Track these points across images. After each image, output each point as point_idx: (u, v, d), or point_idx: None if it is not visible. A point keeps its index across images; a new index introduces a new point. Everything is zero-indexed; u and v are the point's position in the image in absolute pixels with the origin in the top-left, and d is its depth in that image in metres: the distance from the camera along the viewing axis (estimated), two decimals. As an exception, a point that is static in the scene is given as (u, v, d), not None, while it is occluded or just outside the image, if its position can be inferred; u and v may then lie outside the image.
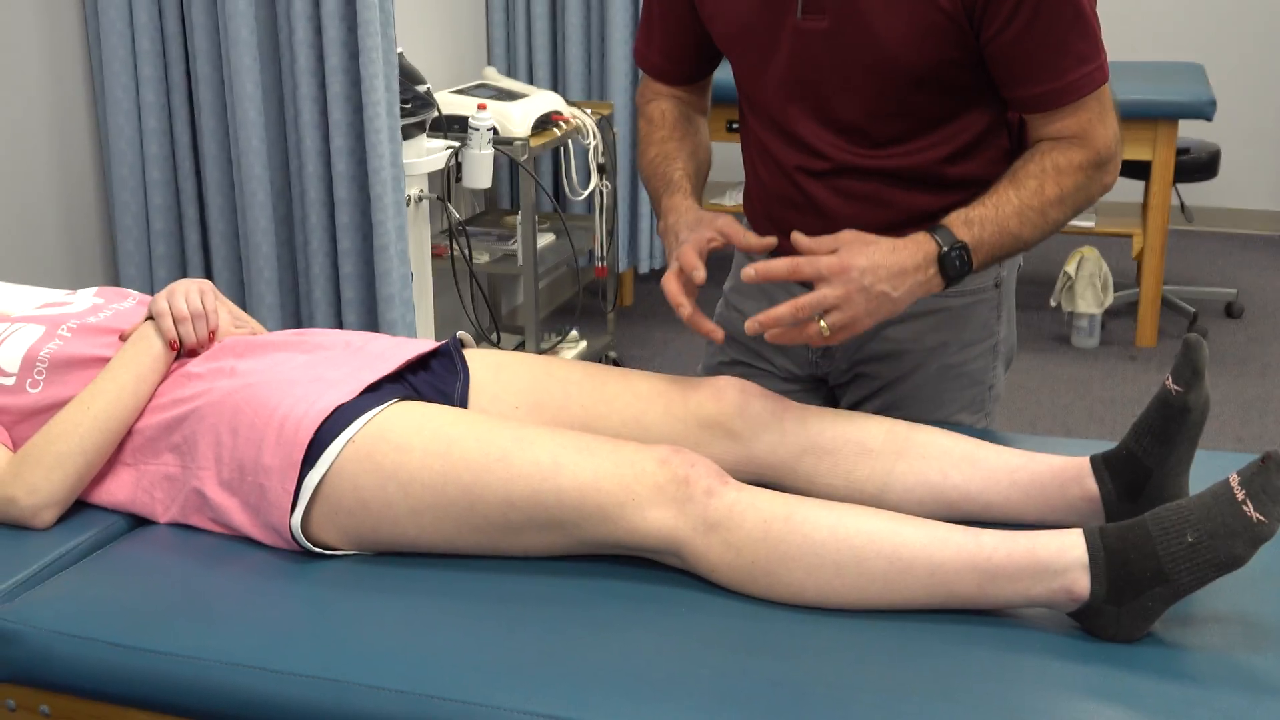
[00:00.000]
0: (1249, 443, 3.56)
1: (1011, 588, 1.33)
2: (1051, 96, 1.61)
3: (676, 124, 1.87)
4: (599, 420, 1.63)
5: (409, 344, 1.70)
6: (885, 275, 1.52)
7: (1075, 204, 1.63)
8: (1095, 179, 1.64)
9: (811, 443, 1.61)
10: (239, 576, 1.47)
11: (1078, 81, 1.59)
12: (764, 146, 1.79)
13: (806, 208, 1.76)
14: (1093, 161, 1.63)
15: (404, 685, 1.26)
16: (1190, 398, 1.43)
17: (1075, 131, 1.62)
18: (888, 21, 1.60)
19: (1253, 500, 1.26)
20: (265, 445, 1.50)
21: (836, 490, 1.58)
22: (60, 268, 2.68)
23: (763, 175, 1.82)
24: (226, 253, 2.77)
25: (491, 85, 3.76)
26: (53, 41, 2.61)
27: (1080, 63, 1.59)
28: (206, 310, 1.67)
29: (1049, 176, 1.61)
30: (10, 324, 1.70)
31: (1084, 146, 1.62)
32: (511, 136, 3.48)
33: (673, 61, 1.87)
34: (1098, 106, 1.62)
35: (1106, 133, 1.62)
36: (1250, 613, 1.36)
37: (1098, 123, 1.62)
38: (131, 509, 1.60)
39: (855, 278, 1.50)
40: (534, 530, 1.44)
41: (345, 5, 2.54)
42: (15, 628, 1.39)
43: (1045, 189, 1.60)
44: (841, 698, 1.23)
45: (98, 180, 2.77)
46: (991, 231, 1.59)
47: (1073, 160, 1.62)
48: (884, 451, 1.58)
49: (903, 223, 1.72)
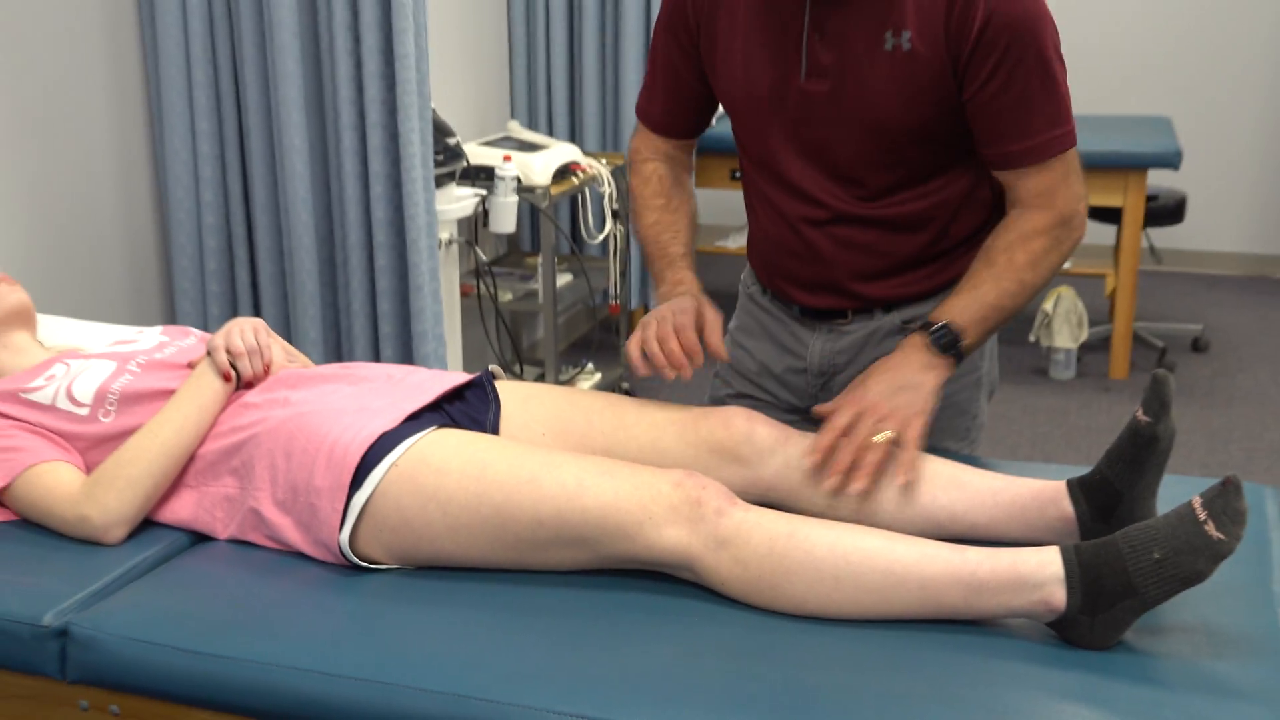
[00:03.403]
0: (1214, 468, 3.55)
1: (995, 600, 1.33)
2: (1022, 155, 1.61)
3: (671, 191, 1.88)
4: (618, 446, 1.64)
5: (446, 376, 1.71)
6: (896, 379, 1.58)
7: (1049, 265, 1.64)
8: (1063, 237, 1.64)
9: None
10: (292, 588, 1.47)
11: (1046, 142, 1.61)
12: (766, 197, 1.79)
13: (806, 255, 1.76)
14: (1057, 223, 1.63)
15: (444, 687, 1.27)
16: (1158, 428, 1.44)
17: (1041, 190, 1.62)
18: (883, 84, 1.61)
19: (1214, 520, 1.27)
20: (316, 468, 1.51)
21: (836, 510, 1.57)
22: (123, 304, 2.69)
23: (765, 224, 1.81)
24: (274, 291, 2.78)
25: (515, 138, 3.77)
26: (118, 100, 2.63)
27: (1050, 125, 1.60)
28: (261, 346, 1.68)
29: (1017, 245, 1.63)
30: (85, 360, 1.72)
31: (1048, 208, 1.63)
32: (534, 185, 3.49)
33: (673, 117, 1.88)
34: (1063, 169, 1.62)
35: (1070, 195, 1.63)
36: (1212, 623, 1.36)
37: (1062, 185, 1.63)
38: (194, 526, 1.61)
39: (872, 391, 1.56)
40: (560, 546, 1.45)
41: (385, 66, 2.55)
42: (89, 634, 1.39)
43: (1015, 259, 1.62)
44: (842, 700, 1.23)
45: (157, 225, 2.78)
46: (974, 312, 1.62)
47: (1037, 225, 1.63)
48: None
49: (893, 268, 1.74)
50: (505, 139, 3.74)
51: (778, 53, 1.67)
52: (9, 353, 1.80)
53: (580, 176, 3.71)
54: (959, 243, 1.76)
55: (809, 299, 1.81)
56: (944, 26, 1.57)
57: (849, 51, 1.62)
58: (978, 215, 1.75)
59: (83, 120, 2.55)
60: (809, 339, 1.84)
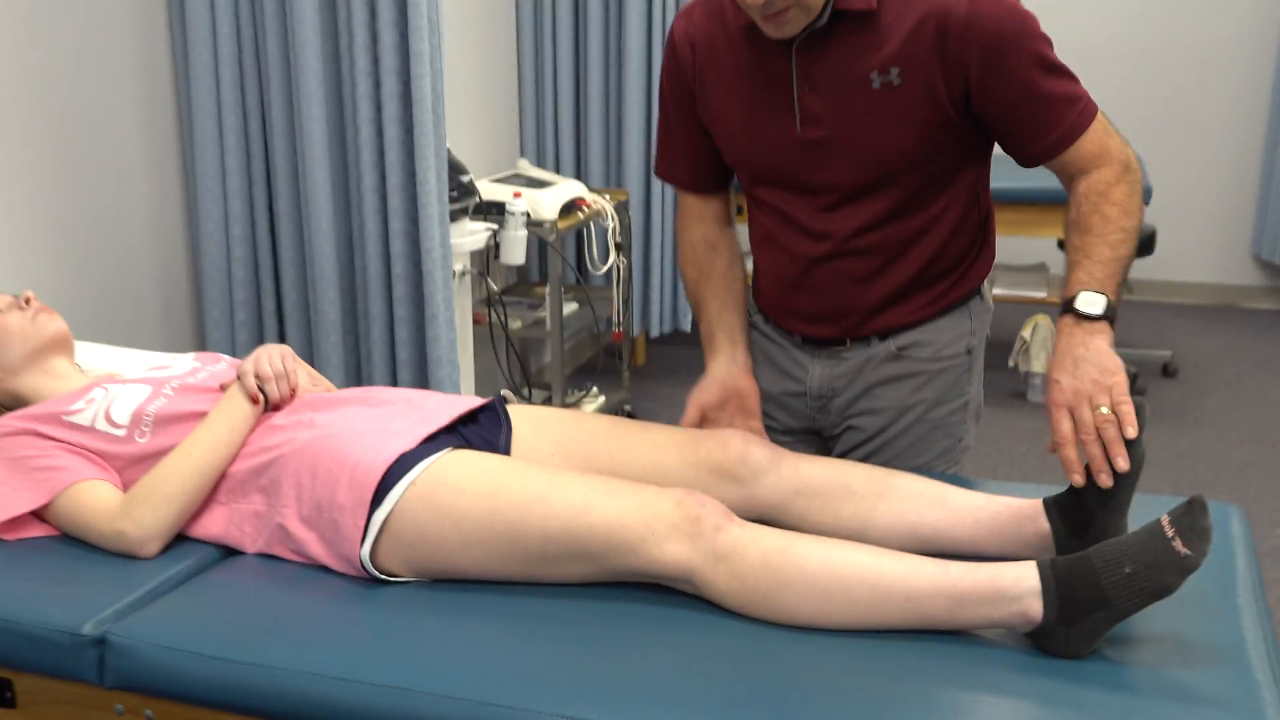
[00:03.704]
0: (1182, 487, 3.55)
1: (976, 611, 1.34)
2: (1056, 144, 1.60)
3: (704, 260, 1.86)
4: (622, 466, 1.64)
5: (460, 400, 1.71)
6: (1076, 362, 1.48)
7: (1136, 206, 1.58)
8: (1134, 180, 1.59)
9: (804, 485, 1.61)
10: (316, 599, 1.47)
11: (1073, 124, 1.59)
12: (772, 237, 1.78)
13: (811, 290, 1.76)
14: (1122, 169, 1.59)
15: (460, 692, 1.27)
16: (1131, 450, 1.43)
17: (1092, 154, 1.59)
18: (877, 120, 1.60)
19: (1181, 537, 1.28)
20: (339, 487, 1.51)
21: (826, 527, 1.57)
22: (156, 330, 2.70)
23: (771, 262, 1.81)
24: (298, 319, 2.78)
25: (524, 175, 3.78)
26: (154, 142, 2.64)
27: (1068, 107, 1.59)
28: (287, 371, 1.69)
29: (1102, 202, 1.57)
30: (122, 384, 1.72)
31: (1108, 163, 1.59)
32: (542, 219, 3.49)
33: (697, 173, 1.85)
34: (1101, 130, 1.60)
35: (1117, 144, 1.60)
36: (1180, 633, 1.37)
37: (1107, 140, 1.60)
38: (224, 541, 1.61)
39: (1069, 384, 1.47)
40: (567, 560, 1.45)
41: (403, 110, 2.56)
42: (126, 643, 1.40)
43: (1107, 213, 1.56)
44: (832, 705, 1.24)
45: (188, 257, 2.79)
46: (1100, 271, 1.54)
47: (1107, 178, 1.58)
48: (866, 494, 1.58)
49: (891, 297, 1.74)
50: (515, 176, 3.75)
51: (770, 107, 1.67)
52: (50, 378, 1.81)
53: (585, 211, 3.71)
54: (951, 266, 1.76)
55: (811, 329, 1.81)
56: (937, 58, 1.56)
57: (839, 97, 1.62)
58: (967, 236, 1.75)
59: (121, 161, 2.56)
60: (809, 364, 1.84)
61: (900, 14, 1.57)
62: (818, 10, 1.57)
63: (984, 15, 1.54)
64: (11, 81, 2.27)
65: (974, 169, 1.72)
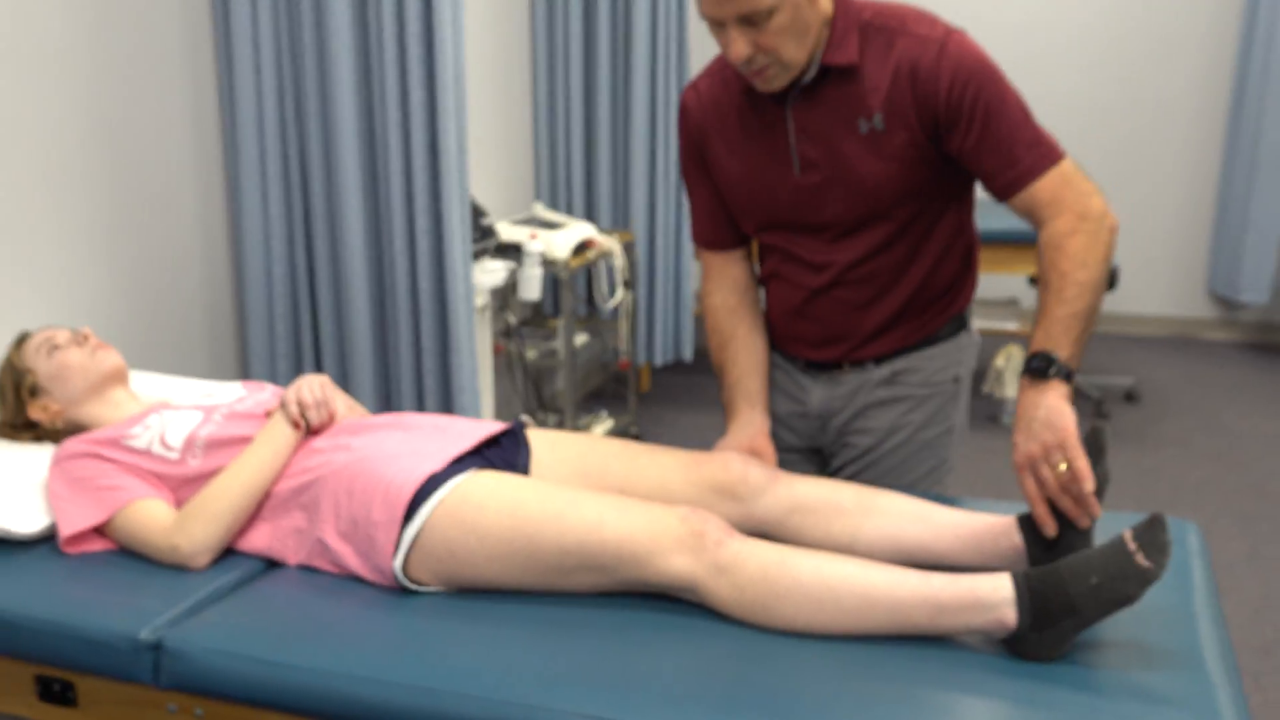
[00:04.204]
0: (1144, 503, 3.55)
1: (956, 618, 1.34)
2: (1018, 179, 1.58)
3: (724, 324, 1.83)
4: (632, 486, 1.64)
5: (484, 425, 1.72)
6: (1029, 424, 1.46)
7: (1096, 257, 1.53)
8: (1095, 229, 1.54)
9: (798, 503, 1.61)
10: (353, 608, 1.48)
11: (1033, 163, 1.57)
12: (779, 273, 1.79)
13: (814, 318, 1.77)
14: (1076, 219, 1.54)
15: (483, 693, 1.27)
16: (1096, 471, 1.44)
17: (1049, 200, 1.56)
18: (867, 161, 1.62)
19: (1143, 551, 1.28)
20: (374, 504, 1.52)
21: (818, 541, 1.58)
22: (203, 360, 2.71)
23: (779, 295, 1.82)
24: (333, 349, 2.79)
25: (539, 217, 3.80)
26: (203, 186, 2.66)
27: (1030, 149, 1.57)
28: (326, 399, 1.70)
29: (1058, 256, 1.54)
30: (176, 411, 1.74)
31: (1062, 211, 1.55)
32: (555, 258, 3.50)
33: (718, 232, 1.85)
34: (1060, 176, 1.57)
35: (1076, 194, 1.56)
36: (1142, 639, 1.37)
37: (1064, 189, 1.56)
38: (268, 554, 1.61)
39: (1024, 447, 1.46)
40: (582, 572, 1.45)
41: (430, 159, 2.58)
42: (179, 647, 1.41)
43: (1062, 267, 1.53)
44: (824, 704, 1.24)
45: (233, 293, 2.80)
46: (1056, 330, 1.51)
47: (1061, 229, 1.55)
48: (854, 511, 1.59)
49: (885, 323, 1.75)
50: (531, 219, 3.77)
51: (771, 156, 1.69)
52: (108, 407, 1.83)
53: (595, 251, 3.72)
54: (940, 293, 1.77)
55: (813, 353, 1.82)
56: (912, 102, 1.58)
57: (831, 143, 1.64)
58: (953, 264, 1.76)
59: (172, 205, 2.58)
60: (811, 387, 1.85)
61: (879, 66, 1.60)
62: (797, 67, 1.59)
63: (950, 59, 1.56)
64: (74, 130, 2.29)
65: (957, 203, 1.73)
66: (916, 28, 1.59)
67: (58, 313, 2.29)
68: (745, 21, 1.52)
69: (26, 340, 1.87)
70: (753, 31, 1.53)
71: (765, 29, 1.52)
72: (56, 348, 1.83)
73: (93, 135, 2.34)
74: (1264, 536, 3.34)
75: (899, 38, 1.59)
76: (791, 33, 1.54)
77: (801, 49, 1.57)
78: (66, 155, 2.28)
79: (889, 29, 1.60)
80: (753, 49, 1.54)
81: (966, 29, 5.12)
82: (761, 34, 1.53)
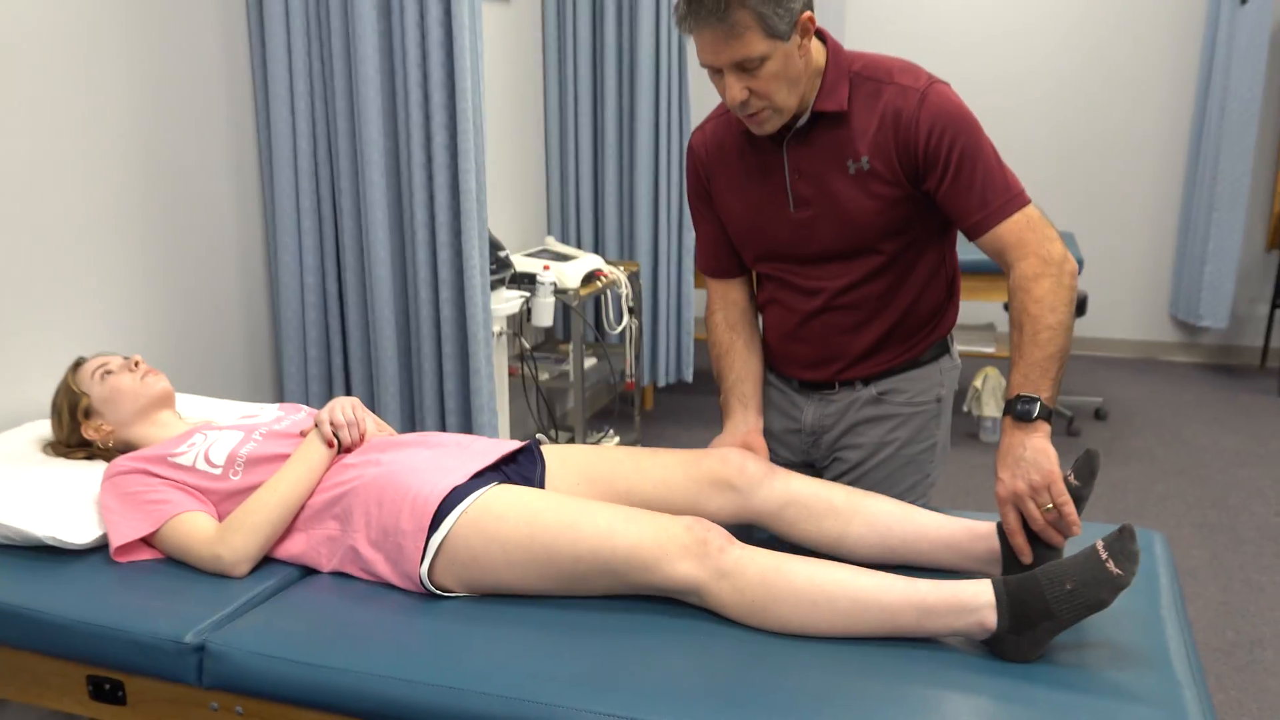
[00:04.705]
0: (1114, 514, 3.54)
1: (940, 621, 1.34)
2: (986, 220, 1.58)
3: (723, 338, 1.85)
4: (637, 486, 1.64)
5: (503, 444, 1.72)
6: (1016, 462, 1.47)
7: (1062, 300, 1.53)
8: (1059, 273, 1.54)
9: (793, 498, 1.61)
10: (382, 612, 1.48)
11: (1000, 206, 1.58)
12: (776, 299, 1.80)
13: (807, 340, 1.78)
14: (1040, 264, 1.54)
15: (503, 691, 1.27)
16: (1084, 490, 1.44)
17: (1014, 243, 1.56)
18: (858, 203, 1.64)
19: (1113, 559, 1.28)
20: (402, 515, 1.52)
21: (809, 534, 1.58)
22: (242, 383, 2.72)
23: (776, 319, 1.83)
24: (362, 373, 2.79)
25: (551, 250, 3.80)
26: (241, 225, 2.67)
27: (998, 194, 1.58)
28: (357, 419, 1.70)
29: (1026, 300, 1.53)
30: (218, 430, 1.74)
31: (1027, 254, 1.55)
32: (567, 288, 3.52)
33: (722, 263, 1.86)
34: (1025, 221, 1.57)
35: (1040, 239, 1.56)
36: (1113, 641, 1.38)
37: (1029, 233, 1.56)
38: (303, 561, 1.61)
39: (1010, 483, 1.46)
40: (595, 577, 1.45)
41: (452, 199, 2.59)
42: (221, 649, 1.41)
43: (1031, 310, 1.52)
44: (818, 699, 1.24)
45: (269, 322, 2.81)
46: (1034, 374, 1.51)
47: (1026, 272, 1.54)
48: (845, 509, 1.59)
49: (871, 347, 1.75)
50: (543, 251, 3.78)
51: (768, 193, 1.70)
52: (157, 428, 1.84)
53: (603, 281, 3.73)
54: (923, 320, 1.77)
55: (806, 374, 1.83)
56: (894, 147, 1.60)
57: (822, 182, 1.65)
58: (935, 294, 1.76)
59: (214, 243, 2.59)
60: (804, 405, 1.85)
61: (866, 112, 1.61)
62: (790, 111, 1.61)
63: (930, 108, 1.58)
64: (130, 176, 2.31)
65: (938, 238, 1.73)
66: (901, 79, 1.61)
67: (112, 340, 2.30)
68: (739, 68, 1.53)
69: (82, 366, 1.88)
70: (746, 77, 1.54)
71: (758, 75, 1.54)
72: (109, 373, 1.84)
73: (146, 180, 2.36)
74: (1223, 545, 3.33)
75: (885, 87, 1.61)
76: (783, 79, 1.56)
77: (793, 95, 1.59)
78: (123, 199, 2.30)
79: (876, 79, 1.62)
80: (747, 94, 1.56)
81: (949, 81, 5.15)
82: (755, 80, 1.54)
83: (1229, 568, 3.17)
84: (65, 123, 2.15)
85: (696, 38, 1.53)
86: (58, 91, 2.13)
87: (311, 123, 2.67)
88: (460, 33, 2.46)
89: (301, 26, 2.60)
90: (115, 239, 2.30)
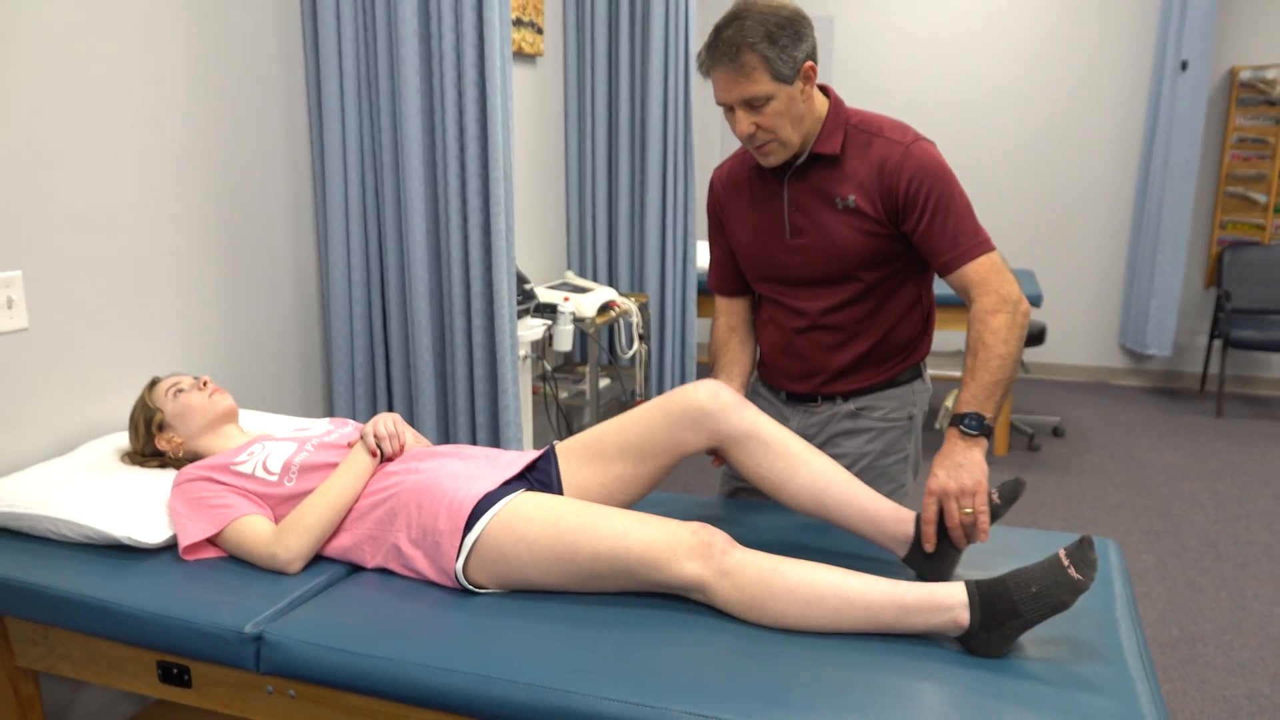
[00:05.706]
0: (1071, 523, 3.52)
1: (918, 618, 1.33)
2: (956, 259, 1.60)
3: (724, 348, 1.86)
4: (629, 442, 1.60)
5: (525, 455, 1.72)
6: (954, 466, 1.49)
7: (1014, 335, 1.55)
8: (1014, 311, 1.56)
9: (758, 433, 1.56)
10: (421, 607, 1.47)
11: (970, 247, 1.60)
12: (770, 317, 1.81)
13: (794, 354, 1.79)
14: (999, 301, 1.56)
15: (529, 679, 1.27)
16: (1001, 510, 1.46)
17: (978, 280, 1.59)
18: (845, 234, 1.66)
19: (1075, 566, 1.28)
20: (440, 516, 1.52)
21: (760, 470, 1.55)
22: (296, 398, 2.72)
23: (769, 335, 1.83)
24: (403, 391, 2.79)
25: (570, 283, 3.81)
26: (296, 256, 2.69)
27: (968, 239, 1.60)
28: (398, 432, 1.70)
29: (983, 331, 1.55)
30: (275, 441, 1.74)
31: (988, 292, 1.57)
32: (584, 317, 3.52)
33: (730, 284, 1.88)
34: (989, 264, 1.59)
35: (1001, 280, 1.58)
36: (1073, 638, 1.37)
37: (992, 274, 1.58)
38: (350, 558, 1.60)
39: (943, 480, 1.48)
40: (610, 574, 1.45)
41: (484, 237, 2.59)
42: (277, 639, 1.40)
43: (986, 340, 1.55)
44: (809, 688, 1.24)
45: (321, 344, 2.81)
46: (981, 394, 1.53)
47: (986, 306, 1.56)
48: (796, 458, 1.55)
49: (851, 365, 1.76)
50: (564, 284, 3.79)
51: (769, 223, 1.73)
52: (221, 440, 1.83)
53: (616, 310, 3.74)
54: (899, 348, 1.77)
55: (793, 386, 1.83)
56: (878, 190, 1.63)
57: (814, 215, 1.68)
58: (914, 325, 1.77)
59: (272, 272, 2.60)
60: (790, 415, 1.85)
61: (858, 158, 1.65)
62: (794, 146, 1.64)
63: (912, 160, 1.61)
64: (196, 213, 2.32)
65: (916, 274, 1.74)
66: (890, 133, 1.64)
67: (184, 361, 2.30)
68: (748, 105, 1.58)
69: (156, 384, 1.88)
70: (754, 114, 1.59)
71: (764, 112, 1.58)
72: (181, 391, 1.84)
73: (220, 224, 2.37)
74: (1168, 550, 3.31)
75: (876, 139, 1.65)
76: (787, 116, 1.60)
77: (797, 132, 1.62)
78: (191, 235, 2.31)
79: (869, 131, 1.66)
80: (754, 128, 1.60)
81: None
82: (761, 116, 1.59)
83: (1173, 571, 3.15)
84: (152, 172, 2.16)
85: (714, 78, 1.58)
86: (153, 143, 2.15)
87: (361, 172, 2.68)
88: (493, 93, 2.48)
89: (354, 89, 2.62)
90: (190, 272, 2.31)
